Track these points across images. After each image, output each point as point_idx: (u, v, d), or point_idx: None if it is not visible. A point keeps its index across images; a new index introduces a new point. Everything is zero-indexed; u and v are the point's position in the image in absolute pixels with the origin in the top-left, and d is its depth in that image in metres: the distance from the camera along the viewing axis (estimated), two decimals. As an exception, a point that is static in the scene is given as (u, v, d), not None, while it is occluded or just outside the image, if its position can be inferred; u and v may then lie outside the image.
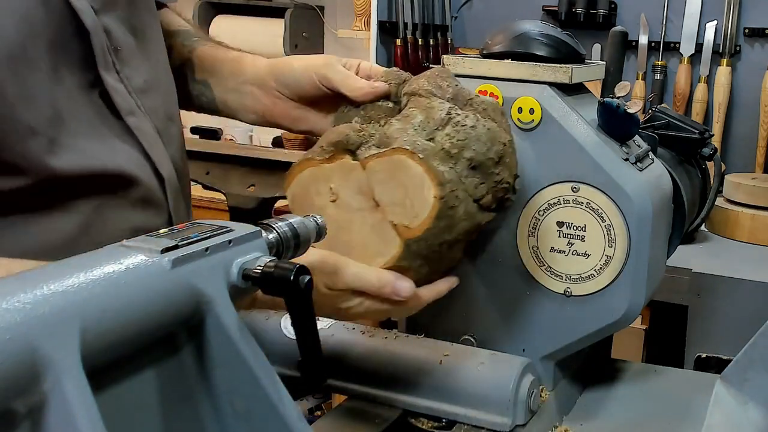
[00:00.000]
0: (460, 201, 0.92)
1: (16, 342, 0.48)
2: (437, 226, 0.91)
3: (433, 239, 0.92)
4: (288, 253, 0.77)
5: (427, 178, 0.90)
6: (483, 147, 0.94)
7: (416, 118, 0.95)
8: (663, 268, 1.20)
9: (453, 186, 0.91)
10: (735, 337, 1.44)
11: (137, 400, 0.60)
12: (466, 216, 0.93)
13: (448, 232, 0.93)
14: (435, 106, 0.96)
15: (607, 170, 1.06)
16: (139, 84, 1.01)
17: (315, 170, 0.97)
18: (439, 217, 0.90)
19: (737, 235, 2.28)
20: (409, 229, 0.92)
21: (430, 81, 1.00)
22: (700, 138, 1.77)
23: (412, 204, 0.91)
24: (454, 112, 0.96)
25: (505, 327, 1.14)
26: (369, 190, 0.94)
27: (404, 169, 0.91)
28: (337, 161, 0.96)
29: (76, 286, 0.53)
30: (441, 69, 1.03)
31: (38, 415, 0.49)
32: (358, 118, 1.02)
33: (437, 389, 1.05)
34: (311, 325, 0.69)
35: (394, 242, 0.93)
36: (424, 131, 0.94)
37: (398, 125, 0.96)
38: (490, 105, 1.00)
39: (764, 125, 2.70)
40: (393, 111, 1.02)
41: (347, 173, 0.95)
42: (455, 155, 0.93)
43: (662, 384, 1.28)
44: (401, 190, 0.92)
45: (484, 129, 0.95)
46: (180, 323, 0.61)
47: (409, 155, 0.90)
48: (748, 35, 2.75)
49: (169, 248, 0.60)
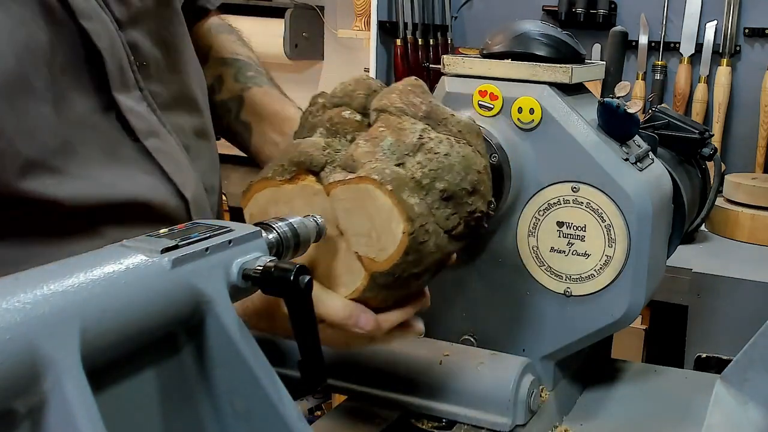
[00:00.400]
0: (429, 235, 0.85)
1: (17, 342, 0.48)
2: (405, 261, 0.84)
3: (400, 272, 0.85)
4: (288, 254, 0.77)
5: (396, 212, 0.82)
6: (456, 177, 0.87)
7: (386, 140, 0.87)
8: (663, 268, 1.20)
9: (423, 220, 0.84)
10: (735, 337, 1.43)
11: (137, 399, 0.60)
12: (435, 248, 0.86)
13: (416, 266, 0.86)
14: (407, 127, 0.88)
15: (607, 170, 1.06)
16: (166, 100, 1.00)
17: (275, 190, 0.89)
18: (408, 253, 0.83)
19: (737, 235, 2.28)
20: (376, 262, 0.84)
21: (402, 97, 0.91)
22: (700, 138, 1.77)
23: (379, 237, 0.84)
24: (426, 136, 0.88)
25: (505, 327, 1.14)
26: (333, 217, 0.86)
27: (371, 200, 0.83)
28: (299, 183, 0.88)
29: (76, 286, 0.53)
30: (414, 83, 0.94)
31: (38, 414, 0.49)
32: (323, 130, 0.92)
33: (437, 389, 1.05)
34: (311, 326, 0.69)
35: (359, 274, 0.86)
36: (393, 155, 0.86)
37: (366, 147, 0.87)
38: (465, 126, 0.92)
39: (764, 125, 2.70)
40: (361, 125, 0.92)
41: (310, 197, 0.87)
42: (426, 186, 0.85)
43: (662, 384, 1.28)
44: (367, 221, 0.84)
45: (458, 157, 0.88)
46: (180, 323, 0.61)
47: (377, 185, 0.83)
48: (748, 35, 2.75)
49: (169, 248, 0.60)
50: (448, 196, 0.86)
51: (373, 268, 0.85)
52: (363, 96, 0.93)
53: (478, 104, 1.11)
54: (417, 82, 0.94)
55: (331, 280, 0.88)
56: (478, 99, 1.11)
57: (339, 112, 0.93)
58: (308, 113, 0.96)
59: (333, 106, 0.94)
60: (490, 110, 1.10)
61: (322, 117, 0.94)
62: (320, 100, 0.96)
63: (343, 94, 0.94)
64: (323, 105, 0.95)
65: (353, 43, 3.48)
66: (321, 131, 0.92)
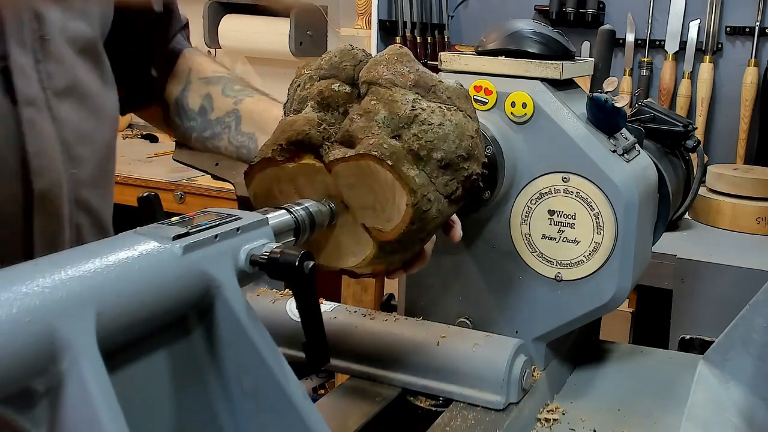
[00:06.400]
0: (431, 203, 0.84)
1: (36, 324, 0.48)
2: (410, 229, 0.84)
3: (407, 239, 0.85)
4: (304, 236, 0.78)
5: (398, 185, 0.82)
6: (452, 146, 0.86)
7: (379, 113, 0.85)
8: (649, 254, 1.20)
9: (424, 190, 0.83)
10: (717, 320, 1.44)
11: (150, 379, 0.60)
12: (437, 214, 0.86)
13: (420, 232, 0.86)
14: (398, 98, 0.86)
15: (596, 161, 1.05)
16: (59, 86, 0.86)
17: (277, 170, 0.86)
18: (413, 222, 0.83)
19: (719, 223, 2.28)
20: (383, 232, 0.84)
21: (389, 67, 0.88)
22: (684, 131, 1.77)
23: (384, 209, 0.83)
24: (418, 107, 0.86)
25: (499, 310, 1.15)
26: (337, 193, 0.85)
27: (373, 176, 0.82)
28: (299, 161, 0.85)
29: (92, 271, 0.53)
30: (399, 51, 0.90)
31: (56, 393, 0.49)
32: (314, 103, 0.89)
33: (434, 369, 1.05)
34: (315, 309, 0.69)
35: (367, 243, 0.86)
36: (388, 128, 0.84)
37: (361, 122, 0.85)
38: (454, 92, 0.89)
39: (745, 119, 2.69)
40: (351, 96, 0.89)
41: (312, 175, 0.85)
42: (424, 157, 0.84)
43: (648, 364, 1.28)
44: (371, 195, 0.83)
45: (451, 125, 0.86)
46: (191, 306, 0.61)
47: (377, 162, 0.81)
48: (730, 33, 2.74)
49: (180, 235, 0.60)
50: (446, 164, 0.86)
51: (381, 238, 0.85)
52: (351, 67, 0.90)
53: (474, 99, 1.10)
54: (402, 50, 0.91)
55: (340, 252, 0.87)
56: (474, 94, 1.10)
57: (328, 84, 0.90)
58: (296, 85, 0.93)
59: (320, 78, 0.91)
60: (485, 105, 1.10)
61: (311, 90, 0.91)
62: (306, 71, 0.93)
63: (330, 66, 0.91)
64: (310, 77, 0.92)
65: (355, 40, 3.46)
66: (312, 104, 0.89)
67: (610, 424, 1.08)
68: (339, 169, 0.84)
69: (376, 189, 0.83)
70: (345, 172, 0.84)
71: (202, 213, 0.67)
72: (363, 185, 0.83)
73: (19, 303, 0.48)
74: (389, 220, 0.83)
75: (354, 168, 0.83)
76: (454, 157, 0.86)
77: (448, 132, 0.86)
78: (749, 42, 2.70)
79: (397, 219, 0.83)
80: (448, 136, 0.86)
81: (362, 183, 0.83)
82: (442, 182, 0.86)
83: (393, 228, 0.83)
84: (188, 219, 0.65)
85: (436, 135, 0.85)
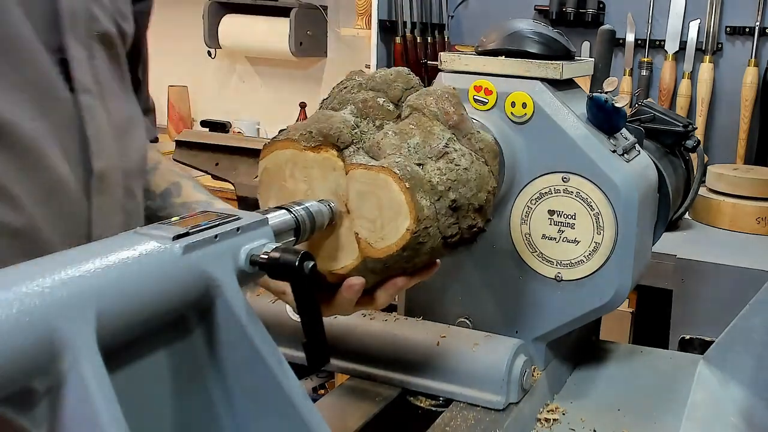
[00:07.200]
0: (429, 238, 0.84)
1: (36, 324, 0.48)
2: (400, 255, 0.83)
3: (391, 263, 0.85)
4: (304, 236, 0.79)
5: (406, 209, 0.82)
6: (469, 192, 0.87)
7: (413, 138, 0.87)
8: (649, 254, 1.20)
9: (428, 223, 0.83)
10: (717, 320, 1.44)
11: (150, 378, 0.60)
12: (430, 251, 0.86)
13: (407, 261, 0.86)
14: (436, 132, 0.88)
15: (596, 161, 1.05)
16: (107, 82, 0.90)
17: (296, 153, 0.87)
18: (405, 249, 0.83)
19: (719, 223, 2.28)
20: (372, 248, 0.84)
21: (438, 102, 0.91)
22: (684, 131, 1.77)
23: (383, 226, 0.83)
24: (452, 146, 0.88)
25: (499, 310, 1.15)
26: (344, 194, 0.85)
27: (386, 191, 0.83)
28: (321, 153, 0.86)
29: (93, 271, 0.53)
30: (452, 92, 0.93)
31: (56, 393, 0.49)
32: (354, 109, 0.91)
33: (434, 369, 1.05)
34: (315, 309, 0.69)
35: (352, 254, 0.85)
36: (416, 154, 0.86)
37: (393, 140, 0.87)
38: (487, 146, 0.92)
39: (745, 119, 2.69)
40: (391, 114, 0.92)
41: (328, 170, 0.86)
42: (440, 192, 0.85)
43: (648, 364, 1.28)
44: (376, 209, 0.83)
45: (475, 174, 0.88)
46: (191, 306, 0.61)
47: (396, 179, 0.82)
48: (730, 33, 2.74)
49: (180, 235, 0.60)
50: (456, 207, 0.86)
51: (368, 253, 0.84)
52: (401, 89, 0.93)
53: (474, 99, 1.10)
54: (454, 92, 0.93)
55: (323, 252, 0.87)
56: (474, 94, 1.10)
57: (374, 96, 0.92)
58: (342, 86, 0.95)
59: (369, 89, 0.93)
60: (485, 104, 1.10)
61: (356, 95, 0.92)
62: (357, 78, 0.95)
63: (382, 81, 0.93)
64: (360, 84, 0.94)
65: (355, 41, 3.47)
66: (352, 109, 0.91)
67: (610, 424, 1.08)
68: (356, 173, 0.84)
69: (383, 204, 0.83)
70: (361, 178, 0.84)
71: (202, 213, 0.67)
72: (372, 197, 0.84)
73: (19, 303, 0.48)
74: (383, 238, 0.83)
75: (371, 177, 0.83)
76: (466, 204, 0.87)
77: (470, 179, 0.87)
78: (749, 42, 2.70)
79: (392, 240, 0.83)
80: (469, 182, 0.87)
81: (373, 194, 0.83)
82: (446, 223, 0.86)
83: (384, 247, 0.83)
84: (188, 218, 0.65)
85: (459, 177, 0.86)
